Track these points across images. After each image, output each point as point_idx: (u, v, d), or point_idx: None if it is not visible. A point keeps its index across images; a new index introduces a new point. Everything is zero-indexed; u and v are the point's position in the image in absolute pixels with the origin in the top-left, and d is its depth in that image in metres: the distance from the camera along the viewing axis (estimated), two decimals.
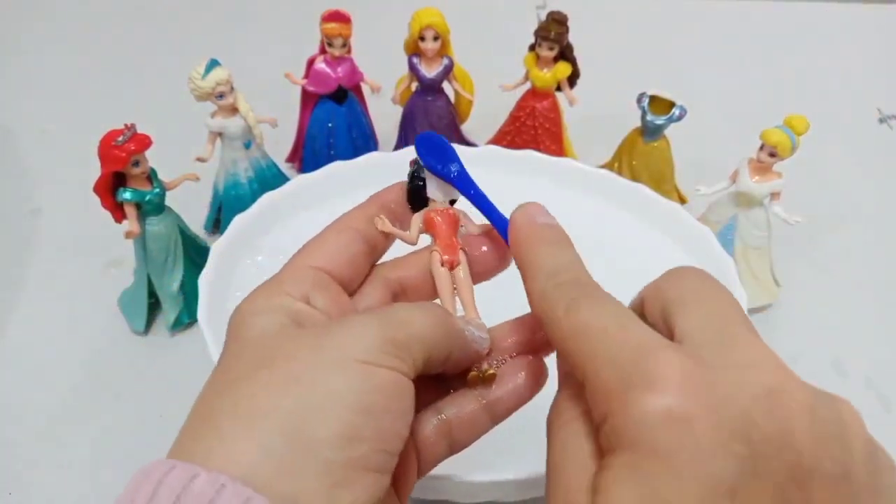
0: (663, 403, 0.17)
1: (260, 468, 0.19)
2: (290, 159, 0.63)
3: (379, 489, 0.21)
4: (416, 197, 0.28)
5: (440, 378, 0.26)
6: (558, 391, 0.23)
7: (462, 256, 0.27)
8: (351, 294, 0.26)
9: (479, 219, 0.28)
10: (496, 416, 0.26)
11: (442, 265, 0.27)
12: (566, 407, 0.22)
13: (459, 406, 0.26)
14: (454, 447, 0.26)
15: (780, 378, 0.18)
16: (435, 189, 0.27)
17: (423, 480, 0.34)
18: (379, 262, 0.28)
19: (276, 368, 0.21)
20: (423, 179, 0.27)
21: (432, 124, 0.60)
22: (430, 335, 0.23)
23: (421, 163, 0.27)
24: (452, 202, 0.28)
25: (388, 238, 0.27)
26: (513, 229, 0.25)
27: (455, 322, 0.25)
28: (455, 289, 0.27)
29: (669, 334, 0.20)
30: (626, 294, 0.48)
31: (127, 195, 0.44)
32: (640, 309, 0.23)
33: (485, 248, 0.27)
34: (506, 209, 0.27)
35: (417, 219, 0.28)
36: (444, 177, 0.27)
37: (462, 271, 0.27)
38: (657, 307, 0.22)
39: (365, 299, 0.26)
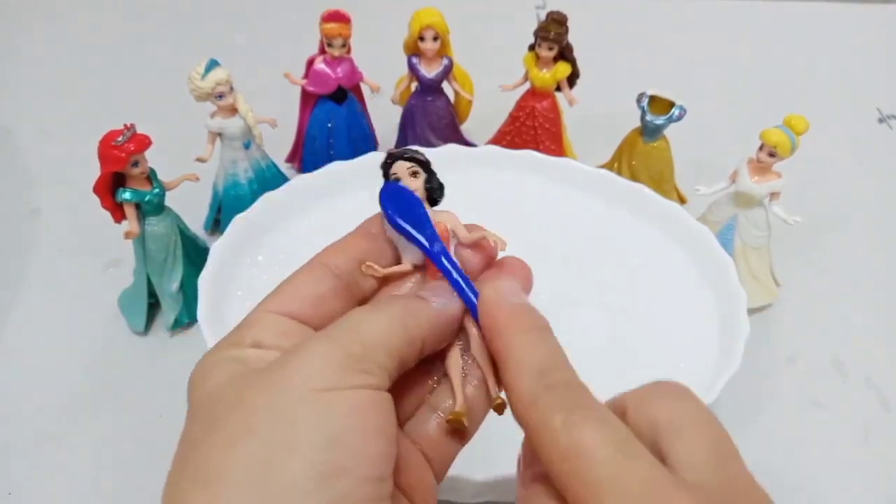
0: None
1: None
2: (290, 159, 0.63)
3: None
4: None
5: (423, 368, 0.24)
6: (529, 487, 0.22)
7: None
8: None
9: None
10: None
11: None
12: None
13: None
14: (465, 436, 0.25)
15: None
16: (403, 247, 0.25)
17: None
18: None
19: (229, 421, 0.19)
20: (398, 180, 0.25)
21: (432, 124, 0.59)
22: (390, 333, 0.21)
23: (386, 209, 0.25)
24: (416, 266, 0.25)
25: (380, 278, 0.25)
26: (485, 311, 0.22)
27: (415, 303, 0.23)
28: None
29: (659, 455, 0.20)
30: (625, 294, 0.48)
31: (126, 195, 0.44)
32: (621, 415, 0.21)
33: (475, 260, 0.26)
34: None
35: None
36: (412, 240, 0.24)
37: None
38: (644, 423, 0.21)
39: None
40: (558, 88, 0.58)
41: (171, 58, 0.73)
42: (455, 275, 0.24)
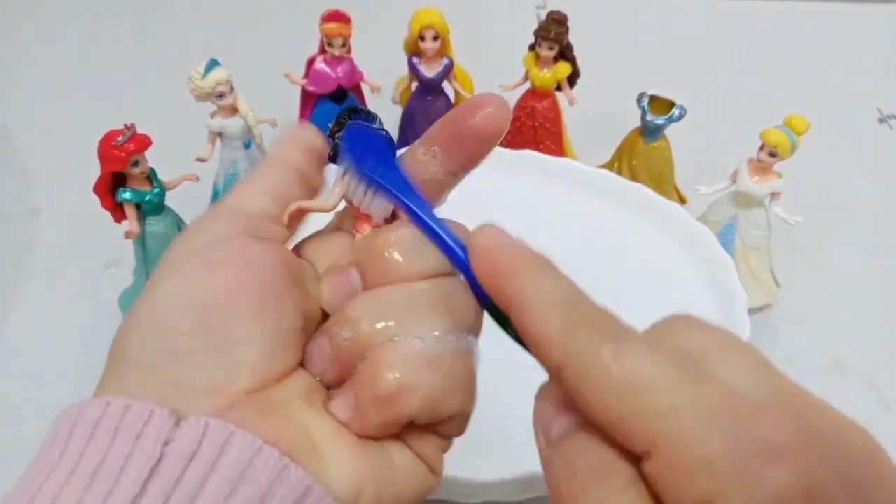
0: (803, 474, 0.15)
1: (119, 389, 0.21)
2: None
3: (244, 359, 0.21)
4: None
5: None
6: (563, 442, 0.18)
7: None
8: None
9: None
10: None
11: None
12: (611, 468, 0.17)
13: None
14: None
15: None
16: (367, 199, 0.24)
17: None
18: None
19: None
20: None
21: (432, 124, 0.59)
22: (259, 191, 0.25)
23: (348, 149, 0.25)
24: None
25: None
26: (483, 256, 0.20)
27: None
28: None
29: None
30: (625, 294, 0.48)
31: (127, 195, 0.44)
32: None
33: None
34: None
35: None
36: (379, 185, 0.23)
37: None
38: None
39: None
40: (559, 88, 0.58)
41: (171, 58, 0.73)
42: (436, 228, 0.22)
